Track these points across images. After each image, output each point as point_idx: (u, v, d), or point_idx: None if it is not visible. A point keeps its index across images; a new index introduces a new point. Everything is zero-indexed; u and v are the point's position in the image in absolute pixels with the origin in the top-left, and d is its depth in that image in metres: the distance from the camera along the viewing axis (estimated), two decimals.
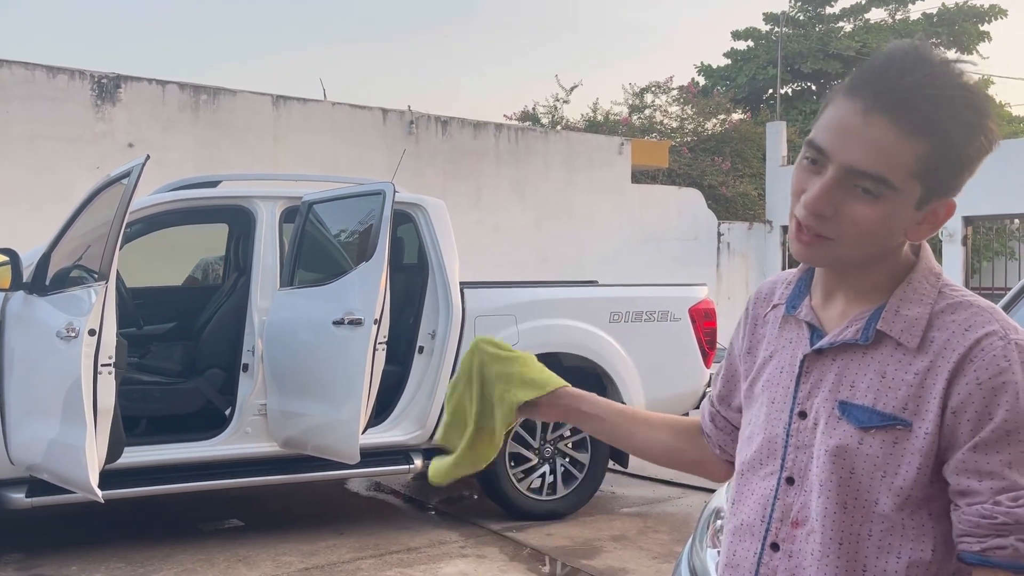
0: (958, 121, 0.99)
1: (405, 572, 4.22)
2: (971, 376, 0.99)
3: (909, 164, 0.98)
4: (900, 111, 0.98)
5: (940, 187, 1.02)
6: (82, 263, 4.11)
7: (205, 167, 8.76)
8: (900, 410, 1.02)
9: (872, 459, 1.04)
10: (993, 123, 1.03)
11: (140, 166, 3.91)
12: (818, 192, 1.01)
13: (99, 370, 3.74)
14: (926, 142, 0.98)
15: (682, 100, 18.13)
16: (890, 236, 1.04)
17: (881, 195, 1.00)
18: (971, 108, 1.00)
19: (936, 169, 1.00)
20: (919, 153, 0.98)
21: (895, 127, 0.98)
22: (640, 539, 4.78)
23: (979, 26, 20.17)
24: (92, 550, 4.48)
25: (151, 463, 4.47)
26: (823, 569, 1.06)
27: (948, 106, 0.98)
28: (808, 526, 1.08)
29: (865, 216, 1.00)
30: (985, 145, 1.02)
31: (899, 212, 1.02)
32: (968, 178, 1.04)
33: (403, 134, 11.06)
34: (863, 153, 0.99)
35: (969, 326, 1.02)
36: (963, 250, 12.39)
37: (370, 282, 4.28)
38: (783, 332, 1.17)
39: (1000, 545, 0.98)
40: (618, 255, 12.40)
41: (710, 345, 5.53)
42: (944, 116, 0.98)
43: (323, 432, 4.40)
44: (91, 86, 9.13)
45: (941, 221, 1.06)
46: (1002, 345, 0.99)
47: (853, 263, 1.08)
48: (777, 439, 1.13)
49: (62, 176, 8.61)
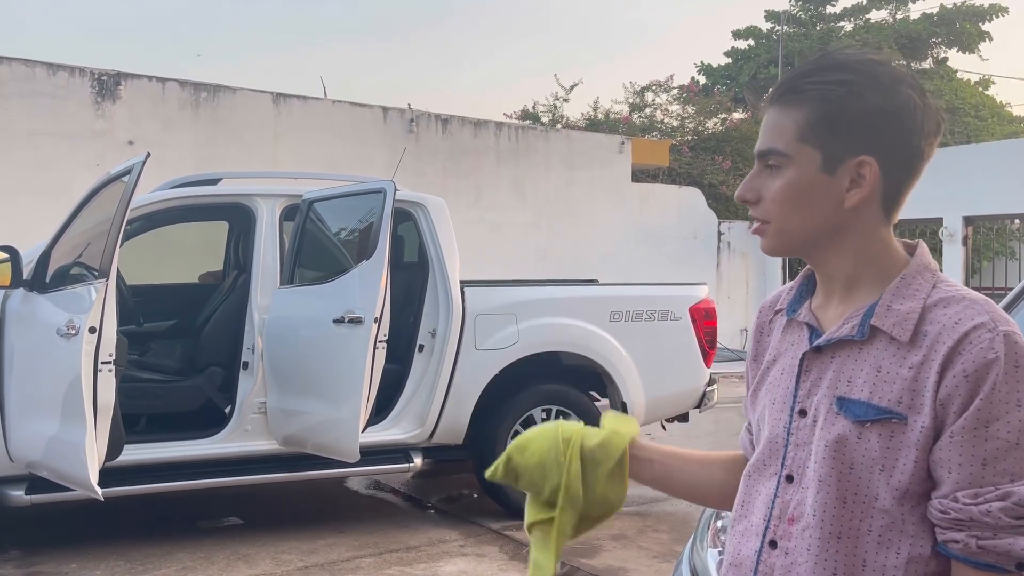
0: (830, 84, 1.07)
1: (405, 571, 4.22)
2: (959, 368, 1.00)
3: (792, 130, 1.09)
4: (783, 94, 1.11)
5: (840, 146, 1.08)
6: (82, 260, 4.11)
7: (205, 165, 8.75)
8: (895, 404, 1.03)
9: (870, 453, 1.05)
10: (886, 80, 1.07)
11: (140, 164, 3.90)
12: (742, 183, 1.14)
13: (99, 368, 3.73)
14: (803, 109, 1.08)
15: (683, 99, 18.13)
16: (812, 205, 1.09)
17: (781, 166, 1.10)
18: (845, 70, 1.07)
19: (822, 129, 1.07)
20: (797, 118, 1.08)
21: (779, 107, 1.11)
22: (640, 538, 4.78)
23: (980, 25, 20.14)
24: (91, 548, 4.48)
25: (151, 461, 4.47)
26: (820, 563, 1.07)
27: (820, 76, 1.08)
28: (803, 522, 1.09)
29: (774, 187, 1.11)
30: (876, 101, 1.06)
31: (804, 177, 1.09)
32: (876, 134, 1.07)
33: (403, 132, 11.05)
34: (762, 138, 1.12)
35: (959, 319, 1.02)
36: (963, 250, 12.39)
37: (370, 280, 4.28)
38: (786, 336, 1.19)
39: (955, 539, 1.01)
40: (618, 254, 12.40)
41: (710, 344, 5.52)
42: (817, 82, 1.08)
43: (323, 430, 4.40)
44: (91, 83, 9.12)
45: (869, 182, 1.08)
46: (990, 337, 1.00)
47: (804, 242, 1.13)
48: (778, 438, 1.15)
49: (62, 173, 8.61)
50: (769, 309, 1.27)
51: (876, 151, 1.07)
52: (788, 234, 1.12)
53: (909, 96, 1.07)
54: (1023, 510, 0.98)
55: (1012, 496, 0.98)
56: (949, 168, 12.42)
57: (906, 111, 1.07)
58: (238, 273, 5.34)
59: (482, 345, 4.99)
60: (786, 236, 1.12)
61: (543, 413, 5.12)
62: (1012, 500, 0.98)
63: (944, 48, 20.86)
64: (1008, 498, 0.99)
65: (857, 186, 1.08)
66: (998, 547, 0.99)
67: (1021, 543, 0.98)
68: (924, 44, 20.47)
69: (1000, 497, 0.99)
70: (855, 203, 1.08)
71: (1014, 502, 0.98)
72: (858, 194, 1.08)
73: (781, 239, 1.12)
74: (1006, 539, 0.98)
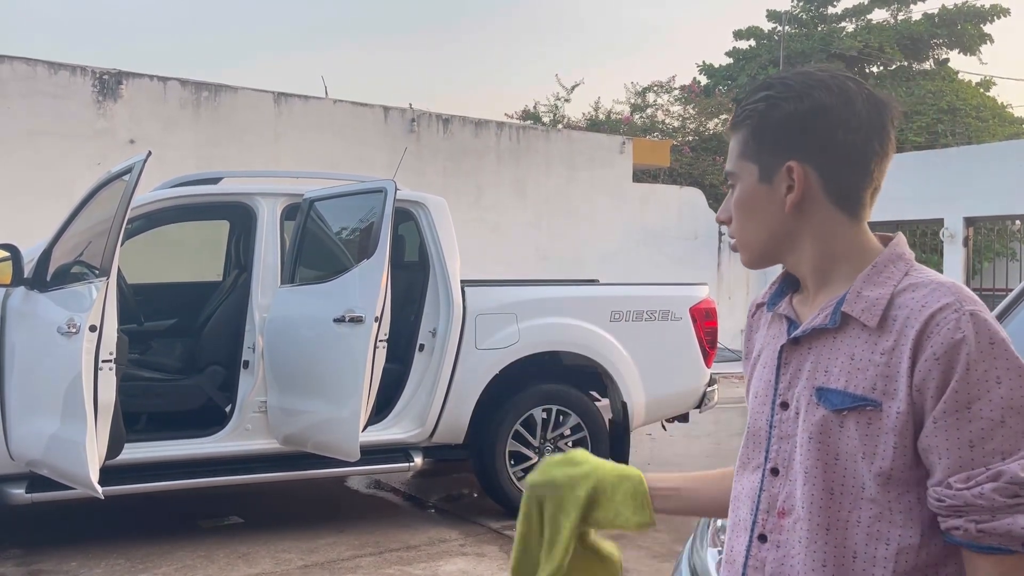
0: (754, 100, 1.14)
1: (404, 570, 4.22)
2: (928, 352, 1.01)
3: (735, 151, 1.17)
4: (732, 122, 1.19)
5: (769, 156, 1.13)
6: (83, 259, 4.11)
7: (206, 164, 8.75)
8: (869, 391, 1.04)
9: (851, 442, 1.05)
10: (798, 87, 1.12)
11: (141, 163, 3.91)
12: (721, 206, 1.22)
13: (100, 366, 3.74)
14: (743, 129, 1.16)
15: (684, 99, 18.12)
16: (757, 215, 1.15)
17: (734, 184, 1.18)
18: (766, 87, 1.14)
19: (752, 144, 1.14)
20: (739, 138, 1.16)
21: (731, 133, 1.19)
22: (640, 538, 4.78)
23: (981, 27, 20.13)
24: (92, 546, 4.48)
25: (151, 459, 4.47)
26: (811, 556, 1.07)
27: (752, 97, 1.15)
28: (794, 515, 1.10)
29: (731, 205, 1.18)
30: (794, 107, 1.11)
31: (747, 191, 1.15)
32: (796, 138, 1.11)
33: (404, 132, 11.05)
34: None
35: (925, 302, 1.03)
36: (964, 251, 12.38)
37: (371, 280, 4.28)
38: (769, 330, 1.21)
39: (955, 526, 1.00)
40: (619, 254, 12.40)
41: (711, 344, 5.52)
42: (747, 103, 1.15)
43: (323, 429, 4.40)
44: (92, 82, 9.13)
45: (799, 184, 1.12)
46: (956, 317, 1.01)
47: (767, 252, 1.17)
48: (761, 432, 1.16)
49: (63, 172, 8.61)
50: (756, 306, 1.30)
51: (800, 154, 1.11)
52: (750, 246, 1.18)
53: (820, 98, 1.10)
54: (1017, 488, 0.98)
55: (1004, 475, 0.98)
56: (950, 169, 12.42)
57: (821, 111, 1.10)
58: (239, 272, 5.34)
59: (482, 345, 4.99)
60: (750, 248, 1.18)
61: (543, 413, 5.12)
62: (1004, 479, 0.98)
63: (945, 49, 20.85)
64: (1000, 478, 0.98)
65: (791, 190, 1.12)
66: (998, 528, 0.98)
67: (1021, 521, 0.98)
68: (925, 45, 20.47)
69: (992, 478, 0.99)
70: (793, 206, 1.12)
71: (1007, 481, 0.98)
72: (791, 197, 1.12)
73: (748, 252, 1.18)
74: (1005, 519, 0.98)
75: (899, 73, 20.32)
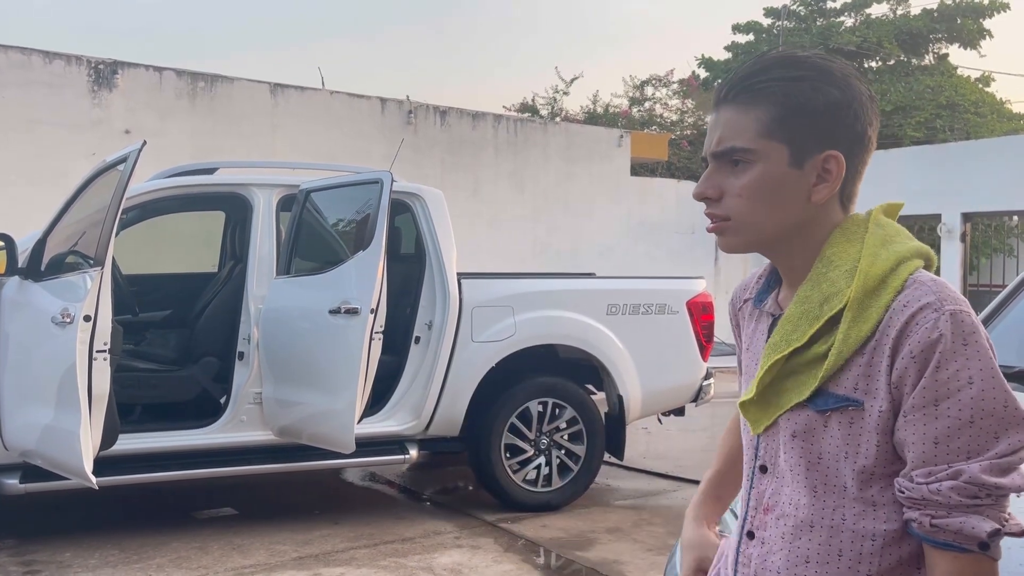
0: (786, 80, 1.08)
1: (399, 562, 4.22)
2: (906, 350, 1.01)
3: (754, 128, 1.08)
4: (737, 94, 1.10)
5: (806, 141, 1.08)
6: (78, 249, 4.09)
7: (202, 154, 8.73)
8: (851, 391, 1.04)
9: (835, 442, 1.05)
10: (837, 73, 1.09)
11: (137, 152, 3.88)
12: (699, 182, 1.13)
13: (94, 356, 3.72)
14: (763, 106, 1.08)
15: (682, 93, 18.10)
16: (782, 200, 1.08)
17: (747, 162, 1.09)
18: (798, 67, 1.09)
19: (785, 125, 1.07)
20: (759, 116, 1.08)
21: (735, 106, 1.10)
22: (634, 531, 4.78)
23: (980, 21, 20.09)
24: (86, 537, 4.48)
25: (146, 450, 4.46)
26: (794, 553, 1.08)
27: (774, 73, 1.09)
28: (778, 511, 1.10)
29: (741, 183, 1.09)
30: (835, 94, 1.08)
31: (774, 172, 1.08)
32: (838, 128, 1.08)
33: (401, 124, 11.02)
34: (718, 137, 1.11)
35: (907, 302, 1.03)
36: (962, 247, 12.39)
37: (367, 271, 4.26)
38: (757, 325, 1.21)
39: (913, 518, 1.01)
40: (616, 248, 12.39)
41: (707, 338, 5.52)
42: (775, 79, 1.08)
43: (318, 421, 4.39)
44: (88, 72, 9.08)
45: (836, 175, 1.09)
46: (935, 316, 1.00)
47: (769, 238, 1.12)
48: (749, 430, 1.17)
49: (58, 162, 8.58)
50: (739, 298, 1.29)
51: (840, 145, 1.08)
52: (754, 229, 1.10)
53: (860, 89, 1.09)
54: (976, 488, 0.98)
55: (963, 475, 0.98)
56: (948, 164, 12.42)
57: (858, 103, 1.09)
58: (234, 263, 5.32)
59: (479, 337, 4.98)
60: (752, 231, 1.11)
61: (539, 406, 5.12)
62: (963, 479, 0.98)
63: (945, 44, 20.81)
64: (959, 476, 0.98)
65: (824, 181, 1.09)
66: (951, 525, 0.98)
67: (972, 522, 0.98)
68: (924, 40, 20.41)
69: (951, 476, 0.99)
70: (822, 198, 1.09)
71: (965, 480, 0.98)
72: (826, 188, 1.09)
73: (747, 235, 1.11)
74: (958, 517, 0.98)
75: (897, 68, 20.28)
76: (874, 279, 1.05)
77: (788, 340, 1.08)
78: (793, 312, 1.10)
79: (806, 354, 1.07)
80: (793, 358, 1.08)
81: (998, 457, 0.98)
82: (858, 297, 1.05)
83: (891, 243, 1.08)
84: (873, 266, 1.06)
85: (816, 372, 1.06)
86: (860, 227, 1.11)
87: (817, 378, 1.05)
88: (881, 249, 1.07)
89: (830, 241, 1.10)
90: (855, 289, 1.05)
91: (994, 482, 0.97)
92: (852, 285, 1.05)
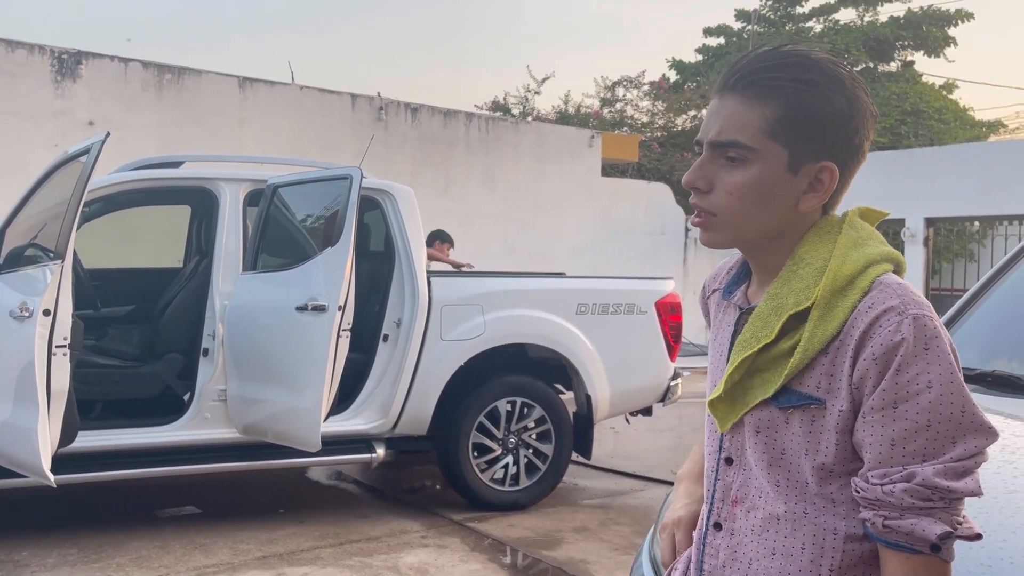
0: (799, 83, 1.05)
1: (365, 561, 4.18)
2: (868, 352, 1.01)
3: (758, 125, 1.06)
4: (746, 86, 1.07)
5: (806, 148, 1.06)
6: (37, 242, 4.01)
7: (169, 148, 8.61)
8: (814, 389, 1.05)
9: (795, 438, 1.06)
10: (848, 84, 1.07)
11: (100, 143, 3.81)
12: (691, 169, 1.10)
13: (53, 351, 3.64)
14: (771, 105, 1.05)
15: (653, 95, 18.20)
16: (772, 204, 1.08)
17: (745, 159, 1.06)
18: (812, 70, 1.06)
19: (789, 128, 1.05)
20: (766, 113, 1.05)
21: (742, 98, 1.07)
22: (601, 531, 4.79)
23: (946, 30, 20.45)
24: (44, 535, 4.38)
25: (106, 448, 4.38)
26: (762, 545, 1.09)
27: (787, 72, 1.06)
28: (748, 503, 1.11)
29: (734, 181, 1.07)
30: (842, 105, 1.06)
31: (770, 175, 1.06)
32: (837, 139, 1.07)
33: (372, 120, 10.96)
34: (719, 126, 1.08)
35: (872, 304, 1.03)
36: (924, 251, 12.60)
37: (335, 268, 4.22)
38: (724, 316, 1.21)
39: (866, 517, 1.02)
40: (586, 248, 12.43)
41: (675, 339, 5.54)
42: (783, 80, 1.06)
43: (284, 419, 4.34)
44: (51, 62, 8.91)
45: (827, 187, 1.08)
46: (898, 320, 1.01)
47: (751, 239, 1.11)
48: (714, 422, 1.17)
49: (19, 153, 8.40)
50: (709, 287, 1.29)
51: (836, 156, 1.08)
52: (738, 228, 1.09)
53: (865, 103, 1.08)
54: (930, 492, 0.98)
55: (916, 477, 0.99)
56: (912, 170, 12.62)
57: (861, 117, 1.08)
58: (200, 258, 5.24)
59: (447, 336, 4.96)
60: (736, 231, 1.10)
61: (508, 405, 5.11)
62: (916, 481, 0.99)
63: (911, 51, 21.16)
64: (912, 479, 0.99)
65: (814, 190, 1.08)
66: (902, 527, 0.99)
67: (924, 524, 0.98)
68: (891, 47, 20.74)
69: (905, 478, 0.99)
70: (810, 207, 1.09)
71: (918, 483, 0.99)
72: (815, 199, 1.09)
73: (731, 233, 1.10)
74: (910, 519, 0.99)
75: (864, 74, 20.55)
76: (842, 279, 1.05)
77: (758, 337, 1.08)
78: (763, 309, 1.09)
79: (773, 350, 1.07)
80: (760, 355, 1.08)
81: (953, 461, 0.99)
82: (825, 296, 1.05)
83: (863, 246, 1.08)
84: (843, 266, 1.06)
85: (781, 370, 1.06)
86: (834, 228, 1.11)
87: (782, 376, 1.06)
88: (852, 251, 1.07)
89: (804, 240, 1.10)
90: (823, 288, 1.05)
91: (947, 485, 0.98)
92: (820, 284, 1.05)
